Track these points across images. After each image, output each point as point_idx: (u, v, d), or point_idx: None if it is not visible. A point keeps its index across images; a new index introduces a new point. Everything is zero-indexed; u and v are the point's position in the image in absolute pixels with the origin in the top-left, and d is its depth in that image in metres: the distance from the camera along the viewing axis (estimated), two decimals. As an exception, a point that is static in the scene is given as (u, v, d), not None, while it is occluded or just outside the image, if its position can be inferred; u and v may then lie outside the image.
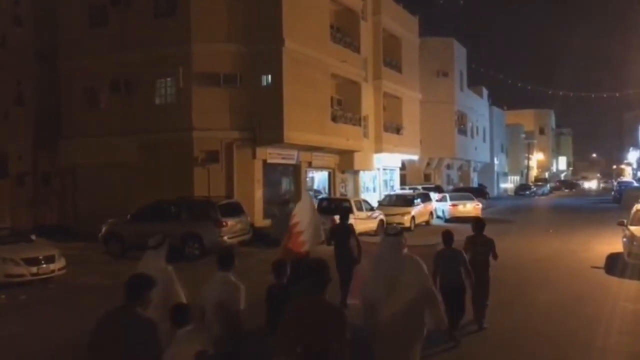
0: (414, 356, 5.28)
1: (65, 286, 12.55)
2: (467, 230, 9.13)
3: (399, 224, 22.18)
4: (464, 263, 7.70)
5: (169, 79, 21.65)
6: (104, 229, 17.34)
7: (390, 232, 5.68)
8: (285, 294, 5.54)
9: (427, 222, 25.74)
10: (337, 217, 10.58)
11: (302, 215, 7.69)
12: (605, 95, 53.93)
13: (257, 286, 6.36)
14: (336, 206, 21.56)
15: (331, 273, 4.40)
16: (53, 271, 12.81)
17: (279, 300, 5.28)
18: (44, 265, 12.64)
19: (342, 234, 9.60)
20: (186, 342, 4.38)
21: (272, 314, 5.49)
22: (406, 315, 5.14)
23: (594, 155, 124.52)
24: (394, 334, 5.09)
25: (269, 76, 21.54)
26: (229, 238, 16.33)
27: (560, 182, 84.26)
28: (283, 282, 5.90)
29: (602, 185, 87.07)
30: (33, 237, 14.33)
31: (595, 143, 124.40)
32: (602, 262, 14.41)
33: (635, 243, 13.00)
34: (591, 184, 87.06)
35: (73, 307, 10.56)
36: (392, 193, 29.26)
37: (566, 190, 72.16)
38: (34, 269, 12.45)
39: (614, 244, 15.58)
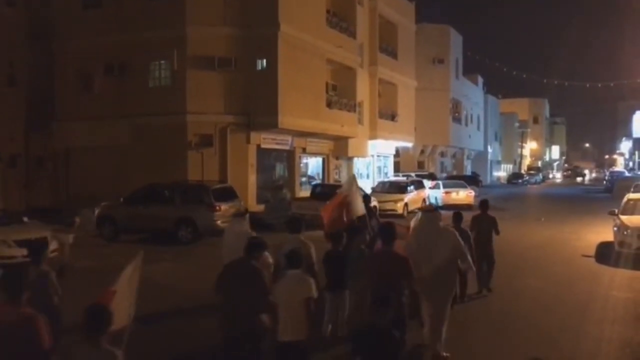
0: (447, 303, 6.78)
1: (58, 268, 12.50)
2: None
3: (392, 210, 22.30)
4: (468, 239, 8.38)
5: (163, 61, 21.49)
6: (97, 212, 17.29)
7: (426, 209, 7.97)
8: (342, 258, 7.00)
9: (420, 209, 25.79)
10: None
11: (348, 191, 9.26)
12: (599, 85, 53.89)
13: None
14: (330, 192, 21.59)
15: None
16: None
17: (337, 263, 6.87)
18: (37, 247, 12.58)
19: (367, 214, 10.18)
20: (296, 283, 5.38)
21: (332, 273, 6.93)
22: (442, 272, 6.58)
23: (587, 145, 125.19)
24: (433, 286, 6.43)
25: (264, 60, 21.41)
26: (222, 222, 16.28)
27: (571, 169, 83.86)
28: (339, 249, 7.14)
29: (593, 175, 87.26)
30: (25, 219, 14.26)
31: (588, 133, 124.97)
32: (592, 251, 14.55)
33: (626, 232, 13.13)
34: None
35: (65, 289, 10.53)
36: (386, 180, 29.30)
37: (579, 179, 72.19)
38: (26, 251, 12.38)
39: (605, 233, 15.72)
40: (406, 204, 23.73)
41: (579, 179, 72.32)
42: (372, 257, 6.46)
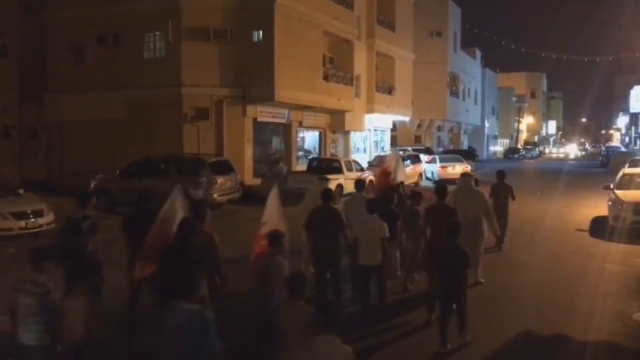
0: (479, 246, 8.96)
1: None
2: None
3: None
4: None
5: (157, 33, 21.17)
6: (92, 185, 17.22)
7: (464, 174, 10.98)
8: (395, 213, 8.51)
9: (416, 183, 25.84)
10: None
11: (392, 161, 11.30)
12: (597, 59, 53.33)
13: (244, 244, 7.13)
14: (326, 166, 21.58)
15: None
16: (42, 225, 12.76)
17: (392, 219, 8.11)
18: (33, 220, 12.61)
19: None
20: (375, 224, 7.39)
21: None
22: (474, 224, 8.71)
23: (584, 119, 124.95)
24: (467, 232, 7.60)
25: (260, 32, 21.12)
26: (218, 196, 16.32)
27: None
28: (391, 206, 8.60)
29: (585, 150, 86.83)
30: (21, 191, 14.23)
31: (585, 108, 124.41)
32: (587, 225, 14.63)
33: (620, 207, 13.19)
34: (568, 150, 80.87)
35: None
36: (382, 154, 29.26)
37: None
38: (23, 223, 12.41)
39: (599, 207, 15.78)
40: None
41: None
42: (431, 208, 8.14)
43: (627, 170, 15.97)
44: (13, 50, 23.75)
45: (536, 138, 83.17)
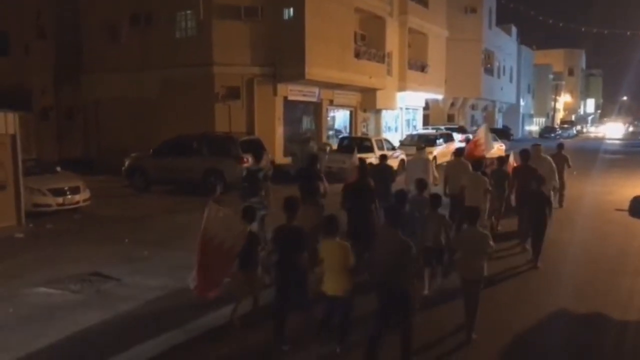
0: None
1: (90, 217, 12.84)
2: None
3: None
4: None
5: (189, 11, 21.19)
6: (127, 163, 17.53)
7: (535, 145, 12.50)
8: (485, 174, 10.34)
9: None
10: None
11: (482, 134, 14.16)
12: (641, 34, 51.03)
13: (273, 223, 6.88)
14: (357, 145, 21.42)
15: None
16: (78, 202, 13.08)
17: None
18: (69, 196, 12.91)
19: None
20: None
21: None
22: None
23: (625, 97, 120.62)
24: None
25: (291, 9, 20.93)
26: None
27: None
28: (482, 170, 10.29)
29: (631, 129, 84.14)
30: (58, 169, 14.57)
31: (627, 85, 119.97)
32: (626, 205, 14.16)
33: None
34: (609, 129, 77.82)
35: (99, 236, 10.84)
36: (414, 133, 28.90)
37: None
38: (60, 200, 12.73)
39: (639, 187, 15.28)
40: (435, 157, 23.38)
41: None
42: (517, 168, 10.93)
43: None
44: (49, 31, 24.17)
45: (573, 117, 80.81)
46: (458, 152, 11.67)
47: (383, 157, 11.58)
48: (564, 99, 78.78)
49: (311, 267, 5.91)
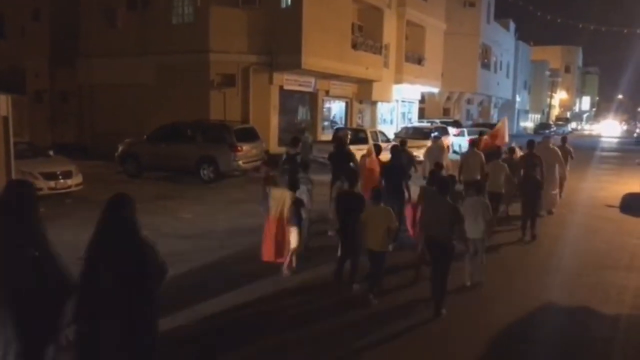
0: (555, 188, 12.71)
1: (81, 201, 12.78)
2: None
3: (415, 156, 22.04)
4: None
5: (186, -3, 21.05)
6: (120, 149, 17.44)
7: (545, 137, 13.92)
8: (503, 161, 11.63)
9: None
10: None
11: (503, 127, 14.98)
12: (638, 31, 51.14)
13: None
14: (352, 136, 21.37)
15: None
16: (70, 187, 13.03)
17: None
18: (62, 180, 12.86)
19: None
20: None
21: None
22: (551, 171, 11.73)
23: (620, 96, 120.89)
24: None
25: (289, -2, 20.83)
26: (243, 163, 16.38)
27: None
28: (501, 156, 12.13)
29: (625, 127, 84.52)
30: (51, 153, 14.49)
31: (623, 84, 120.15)
32: (617, 201, 14.30)
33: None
34: (603, 127, 78.65)
35: (90, 220, 10.77)
36: (409, 125, 28.89)
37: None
38: (52, 184, 12.67)
39: (631, 184, 15.40)
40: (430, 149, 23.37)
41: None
42: (524, 156, 11.52)
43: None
44: (45, 14, 23.94)
45: (568, 114, 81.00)
46: (472, 142, 12.77)
47: (377, 147, 11.70)
48: (559, 95, 78.95)
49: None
